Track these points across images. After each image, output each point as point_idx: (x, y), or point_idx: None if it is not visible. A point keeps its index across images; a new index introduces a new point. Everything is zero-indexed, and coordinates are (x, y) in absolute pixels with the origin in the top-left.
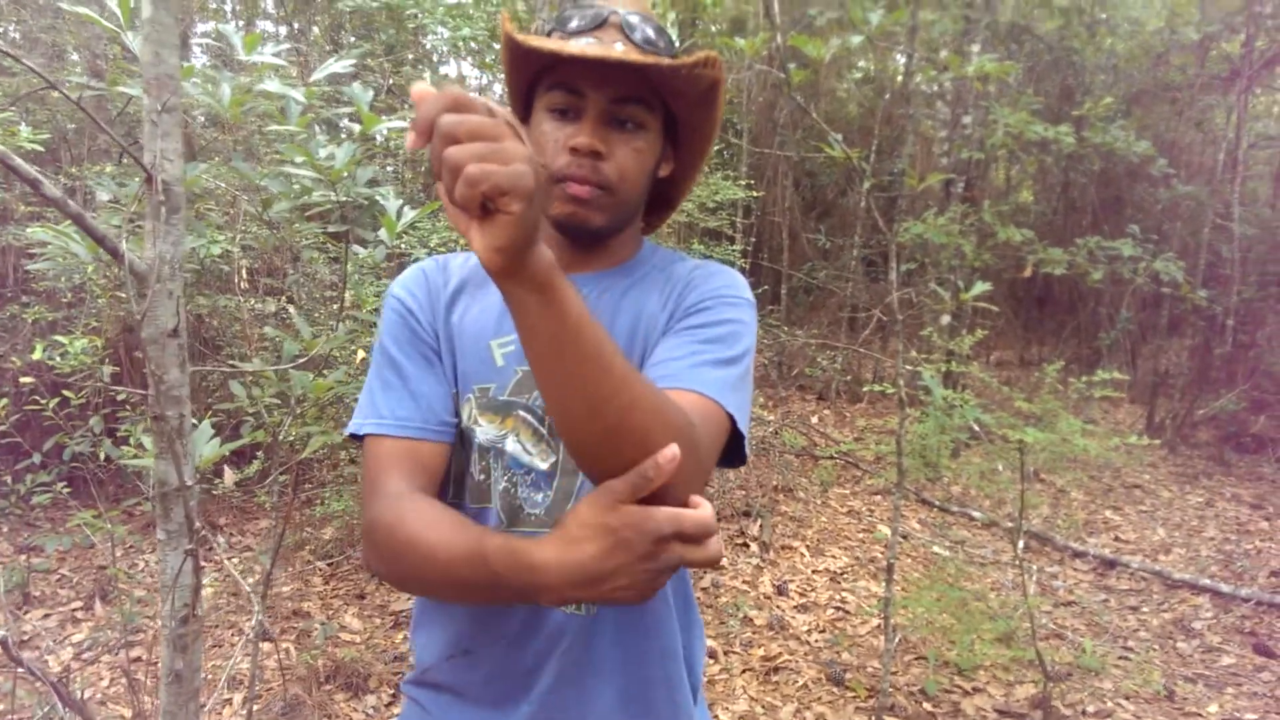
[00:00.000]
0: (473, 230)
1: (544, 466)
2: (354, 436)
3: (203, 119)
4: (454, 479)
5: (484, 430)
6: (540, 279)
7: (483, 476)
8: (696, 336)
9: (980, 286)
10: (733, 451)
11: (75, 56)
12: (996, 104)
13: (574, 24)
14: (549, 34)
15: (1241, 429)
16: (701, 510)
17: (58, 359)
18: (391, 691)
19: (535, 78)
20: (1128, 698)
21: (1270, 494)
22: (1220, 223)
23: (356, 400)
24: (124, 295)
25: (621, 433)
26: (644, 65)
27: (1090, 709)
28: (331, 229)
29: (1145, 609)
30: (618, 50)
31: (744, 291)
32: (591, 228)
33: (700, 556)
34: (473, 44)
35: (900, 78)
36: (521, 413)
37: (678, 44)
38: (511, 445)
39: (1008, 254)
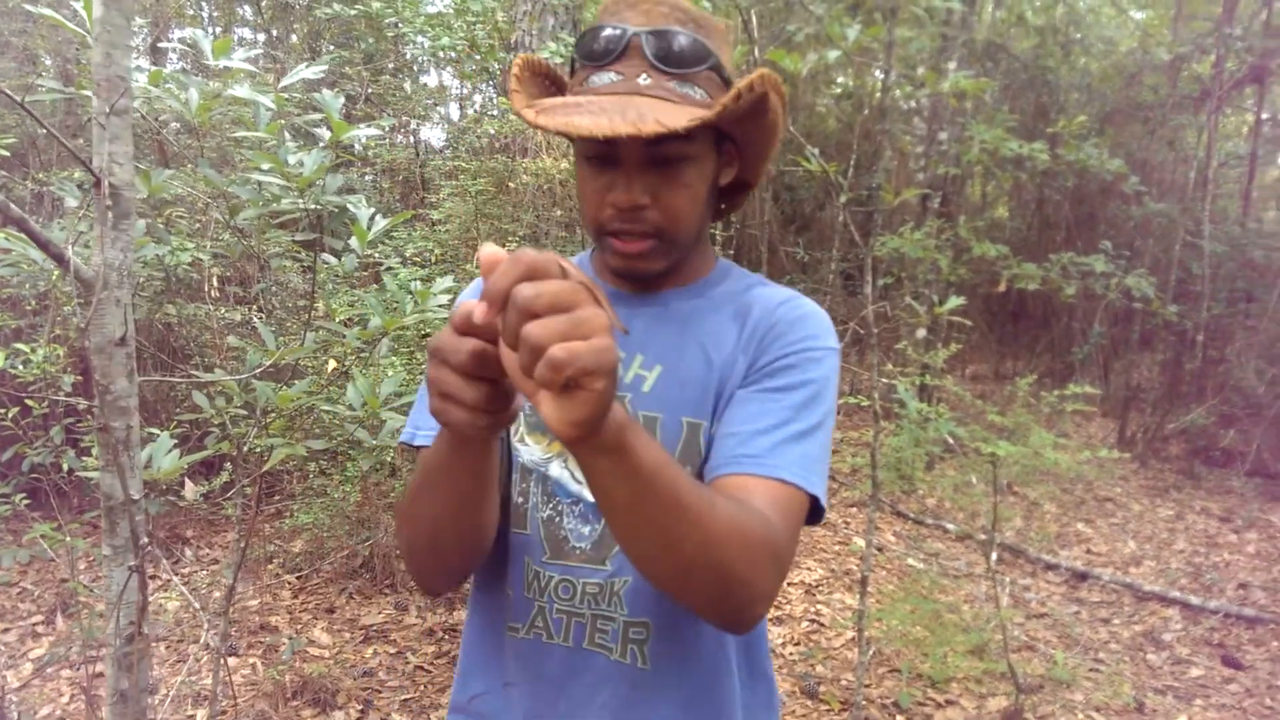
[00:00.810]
0: (545, 402)
1: (593, 498)
2: (406, 445)
3: (176, 125)
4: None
5: (529, 450)
6: (613, 442)
7: (520, 499)
8: (780, 403)
9: (955, 301)
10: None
11: (48, 61)
12: (972, 121)
13: (594, 52)
14: (573, 65)
15: (1211, 443)
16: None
17: (20, 367)
18: (360, 707)
19: None
20: (1098, 709)
21: (1239, 507)
22: (1191, 240)
23: (326, 411)
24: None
25: (697, 568)
26: (663, 135)
27: None
28: (300, 237)
29: (1116, 621)
30: (641, 84)
31: (831, 339)
32: (650, 275)
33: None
34: (452, 53)
35: (878, 93)
36: None
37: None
38: (557, 470)
39: (983, 269)
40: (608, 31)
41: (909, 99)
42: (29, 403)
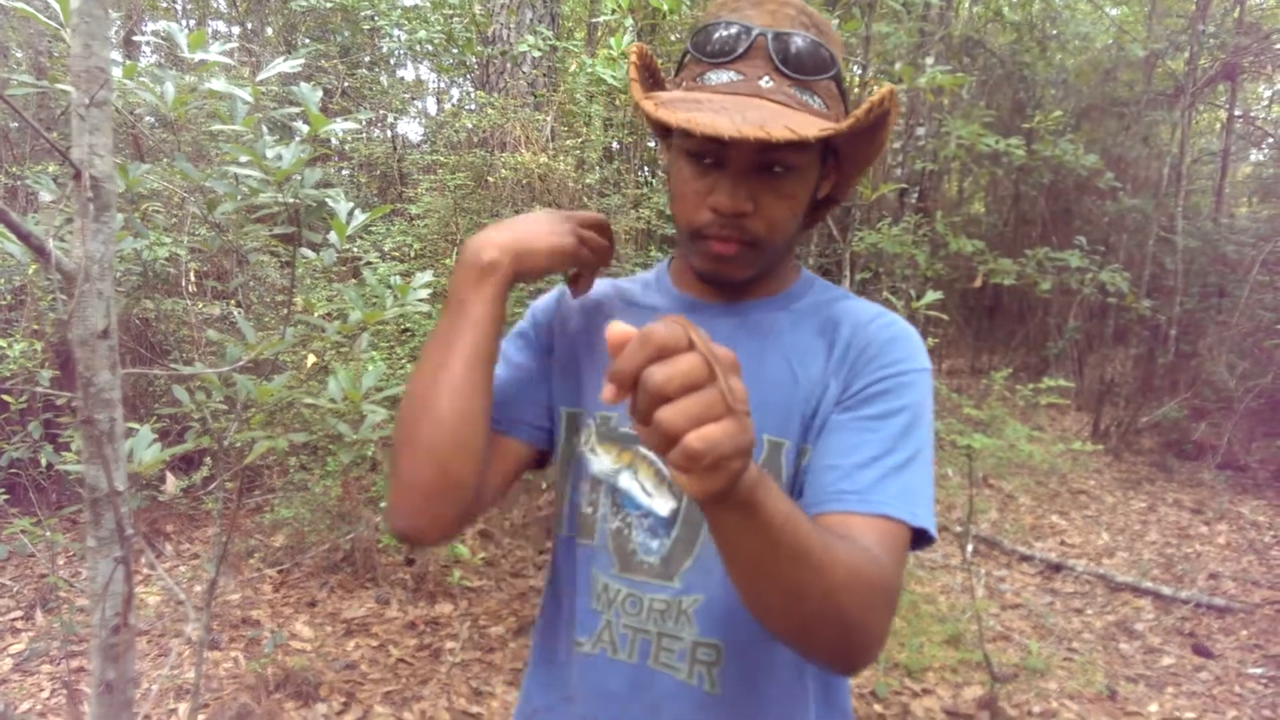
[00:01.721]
0: (678, 475)
1: (664, 513)
2: None
3: (151, 120)
4: (563, 514)
5: (599, 461)
6: (744, 500)
7: (590, 509)
8: (878, 433)
9: (932, 296)
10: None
11: (20, 54)
12: (949, 116)
13: (713, 48)
14: (683, 59)
15: (1183, 436)
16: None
17: None
18: (343, 700)
19: None
20: (1072, 698)
21: (1210, 499)
22: (1164, 235)
23: (306, 405)
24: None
25: (820, 617)
26: (790, 141)
27: (1036, 709)
28: (278, 231)
29: (1089, 611)
30: (763, 86)
31: (924, 358)
32: (737, 281)
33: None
34: (429, 47)
35: (856, 89)
36: (642, 449)
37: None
38: (626, 482)
39: (959, 264)
40: (732, 29)
41: None
42: (6, 398)
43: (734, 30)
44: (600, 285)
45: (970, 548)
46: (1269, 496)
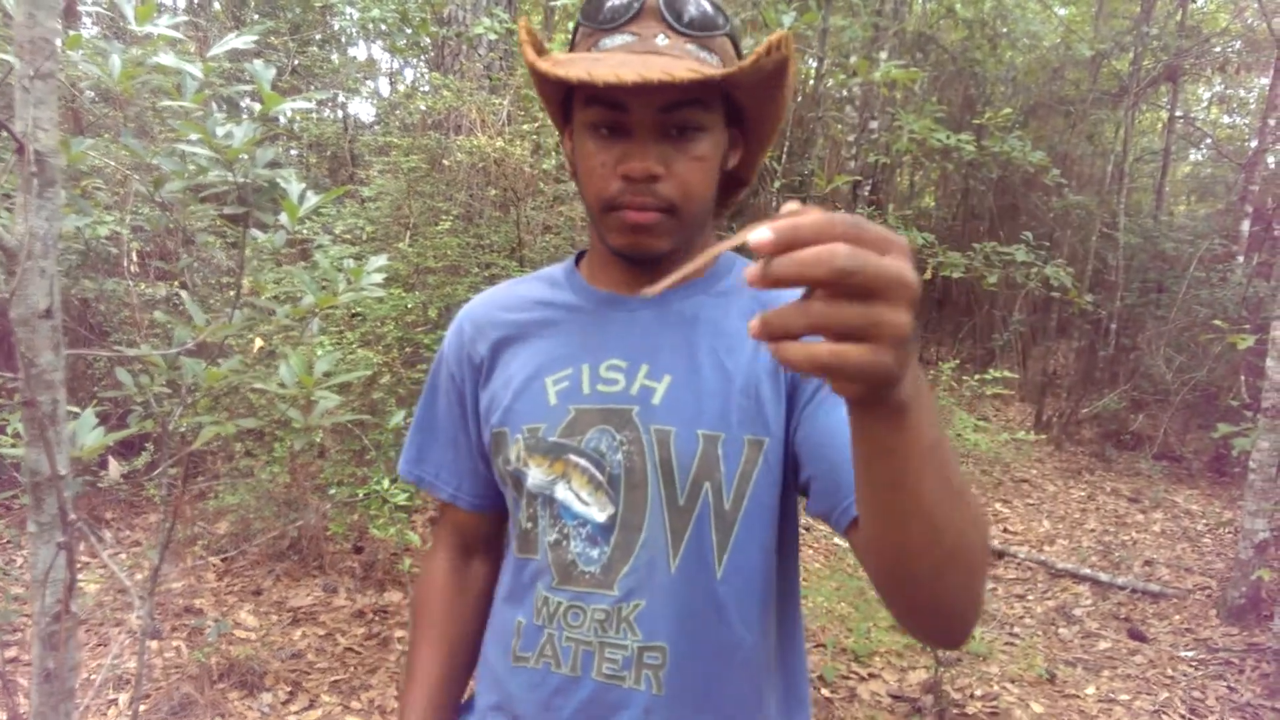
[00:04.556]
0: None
1: (601, 519)
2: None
3: (92, 94)
4: (511, 529)
5: (533, 475)
6: (904, 403)
7: (529, 525)
8: None
9: None
10: None
11: None
12: (902, 110)
13: (604, 15)
14: (575, 33)
15: (1122, 427)
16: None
17: None
18: (289, 689)
19: (568, 89)
20: (1013, 681)
21: (1146, 489)
22: (1107, 231)
23: (253, 390)
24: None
25: (956, 555)
26: (695, 82)
27: (978, 692)
28: (228, 211)
29: (1031, 597)
30: (659, 44)
31: None
32: (657, 253)
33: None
34: (383, 26)
35: (811, 81)
36: (573, 456)
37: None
38: (562, 493)
39: (910, 257)
40: None
41: (842, 87)
42: None
43: None
44: (496, 293)
45: None
46: (1202, 486)
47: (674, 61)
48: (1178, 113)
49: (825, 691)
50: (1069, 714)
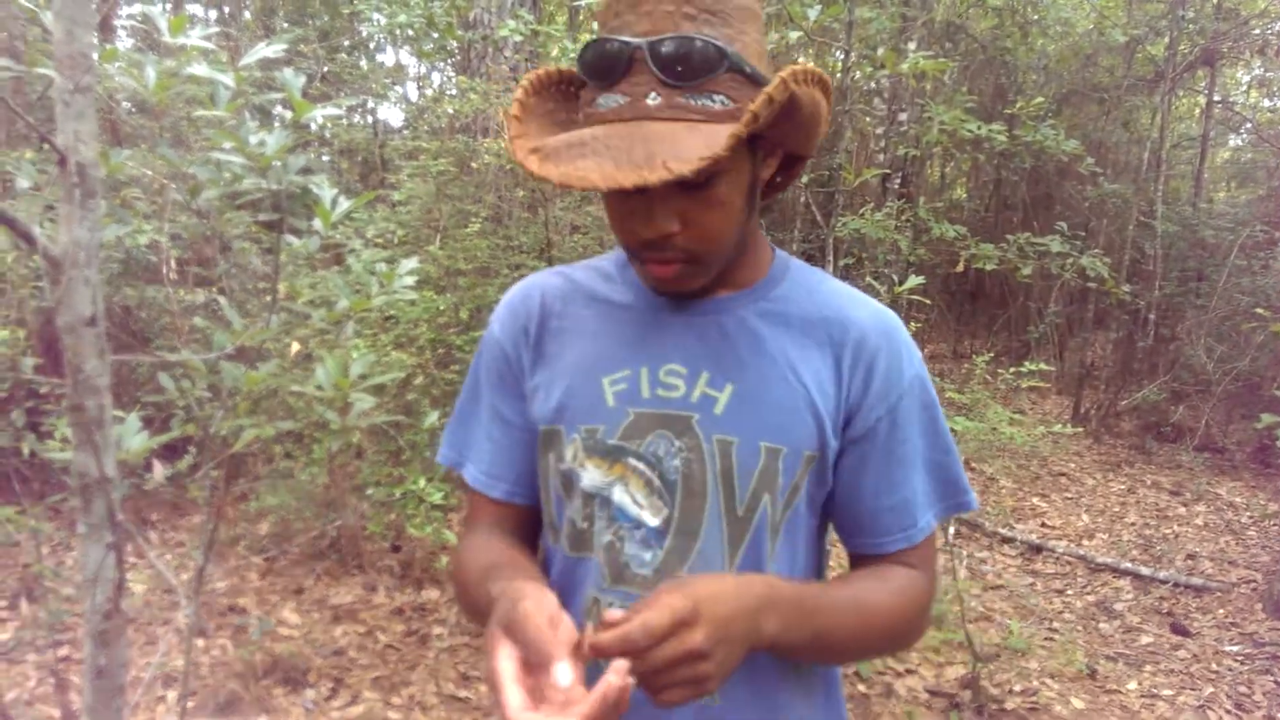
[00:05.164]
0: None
1: (655, 523)
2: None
3: (128, 105)
4: (548, 525)
5: (590, 475)
6: (768, 647)
7: (585, 524)
8: (914, 460)
9: (914, 281)
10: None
11: None
12: (932, 101)
13: (597, 73)
14: (580, 89)
15: (1162, 419)
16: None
17: None
18: (331, 685)
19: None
20: (1052, 676)
21: (1188, 481)
22: (1144, 220)
23: (292, 393)
24: (45, 286)
25: (873, 654)
26: (676, 179)
27: (1017, 688)
28: (263, 218)
29: (1070, 592)
30: (651, 105)
31: (914, 347)
32: (689, 293)
33: None
34: (409, 31)
35: (838, 74)
36: (632, 460)
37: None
38: (619, 495)
39: (941, 250)
40: (606, 46)
41: (869, 80)
42: None
43: (613, 47)
44: (553, 280)
45: (952, 530)
46: (1245, 478)
47: (662, 137)
48: (1216, 97)
49: (861, 687)
50: (1110, 709)
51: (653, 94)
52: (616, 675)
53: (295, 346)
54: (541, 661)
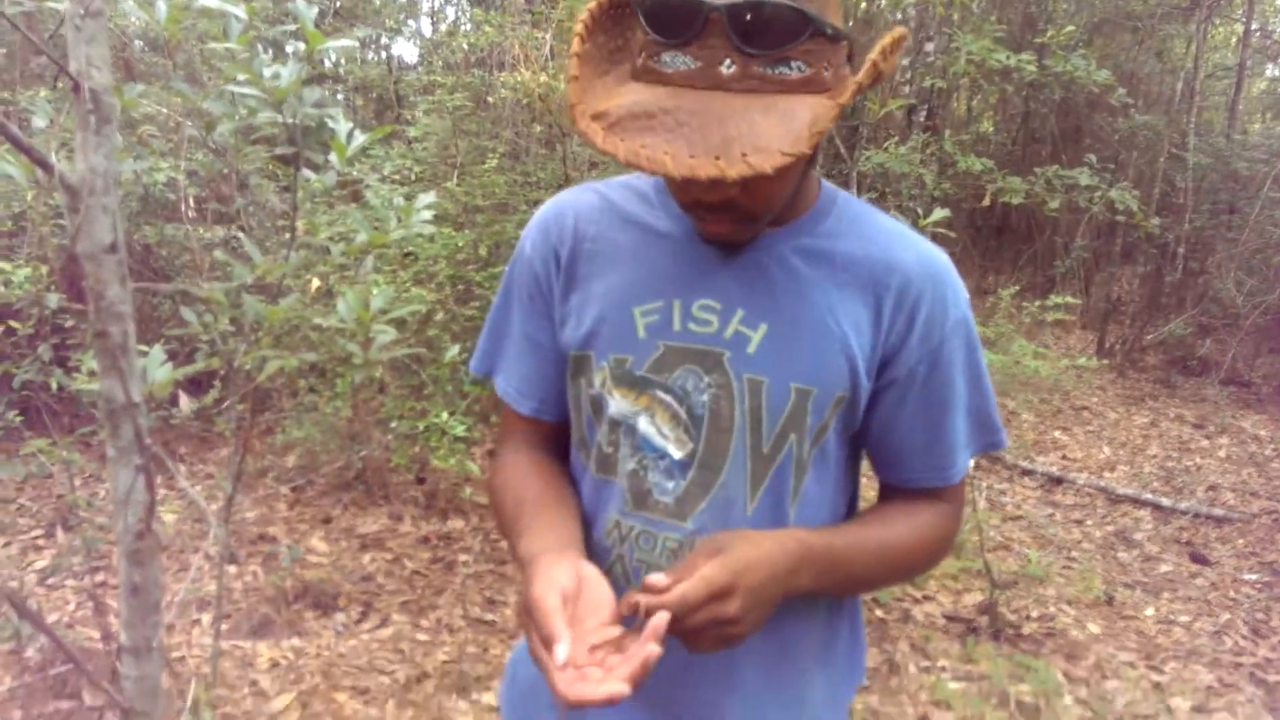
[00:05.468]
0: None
1: (679, 455)
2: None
3: (141, 44)
4: (579, 443)
5: (617, 403)
6: (803, 593)
7: (611, 449)
8: (955, 403)
9: (940, 213)
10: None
11: None
12: (959, 31)
13: (665, 27)
14: (637, 53)
15: (1188, 353)
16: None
17: (1, 288)
18: (360, 609)
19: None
20: (1069, 603)
21: (1212, 414)
22: (1175, 152)
23: (314, 328)
24: (66, 223)
25: (896, 583)
26: (757, 175)
27: (1034, 614)
28: (279, 152)
29: (1089, 522)
30: (725, 74)
31: (962, 285)
32: (742, 243)
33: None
34: None
35: (863, 4)
36: (659, 393)
37: None
38: (645, 426)
39: (967, 184)
40: (678, 2)
41: (895, 8)
42: (13, 324)
43: (686, 3)
44: (587, 198)
45: (972, 463)
46: (1271, 411)
47: (740, 116)
48: (1253, 25)
49: (879, 612)
50: (1126, 634)
51: (728, 61)
52: (657, 643)
53: (316, 283)
54: (546, 644)
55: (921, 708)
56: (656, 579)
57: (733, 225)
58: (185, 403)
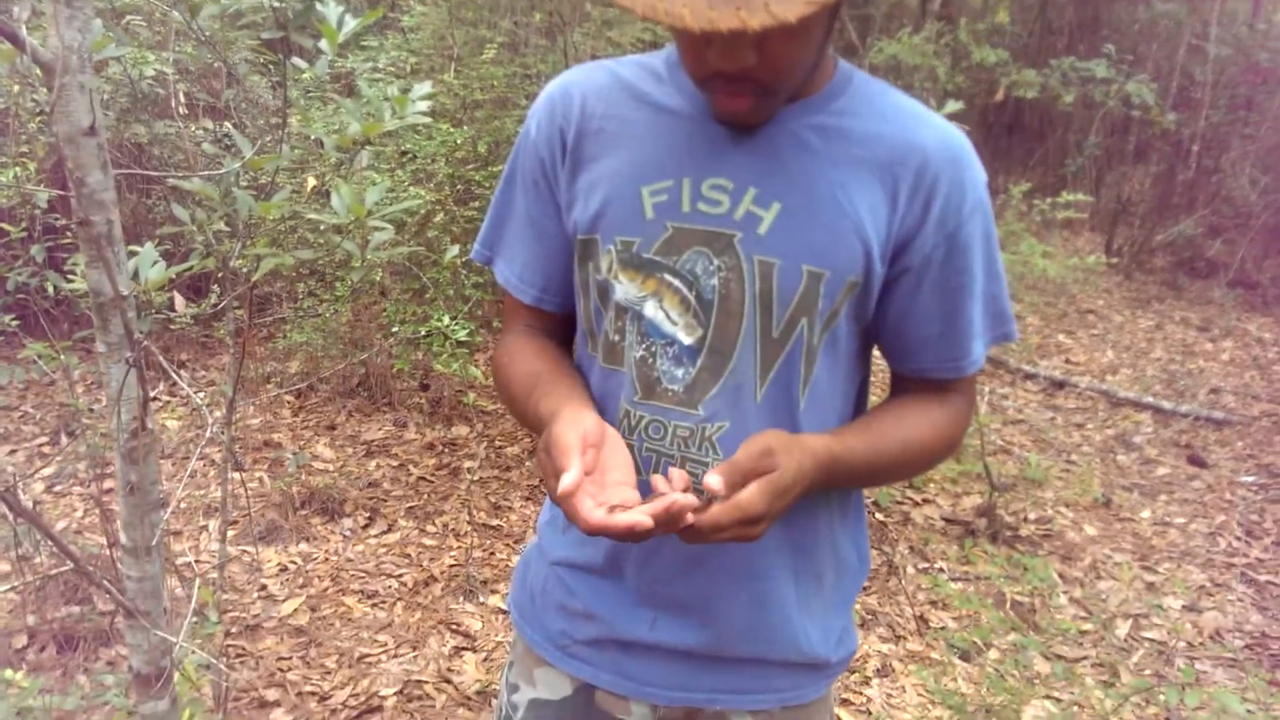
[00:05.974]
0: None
1: (689, 341)
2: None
3: None
4: (587, 332)
5: (623, 288)
6: (822, 486)
7: (617, 337)
8: (972, 289)
9: (953, 105)
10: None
11: None
12: None
13: None
14: None
15: (1196, 254)
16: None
17: None
18: (367, 515)
19: None
20: (1067, 505)
21: (1217, 317)
22: (1196, 43)
23: (311, 226)
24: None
25: (912, 475)
26: (780, 27)
27: (1031, 516)
28: (266, 35)
29: (1090, 426)
30: None
31: (980, 166)
32: (758, 123)
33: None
34: None
35: None
36: (667, 276)
37: None
38: (652, 311)
39: (981, 77)
40: None
41: None
42: (4, 226)
43: None
44: (596, 76)
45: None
46: (1276, 314)
47: None
48: None
49: (879, 516)
50: (1123, 536)
51: None
52: (692, 514)
53: (311, 182)
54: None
55: (919, 608)
56: (677, 474)
57: (752, 101)
58: (180, 302)
